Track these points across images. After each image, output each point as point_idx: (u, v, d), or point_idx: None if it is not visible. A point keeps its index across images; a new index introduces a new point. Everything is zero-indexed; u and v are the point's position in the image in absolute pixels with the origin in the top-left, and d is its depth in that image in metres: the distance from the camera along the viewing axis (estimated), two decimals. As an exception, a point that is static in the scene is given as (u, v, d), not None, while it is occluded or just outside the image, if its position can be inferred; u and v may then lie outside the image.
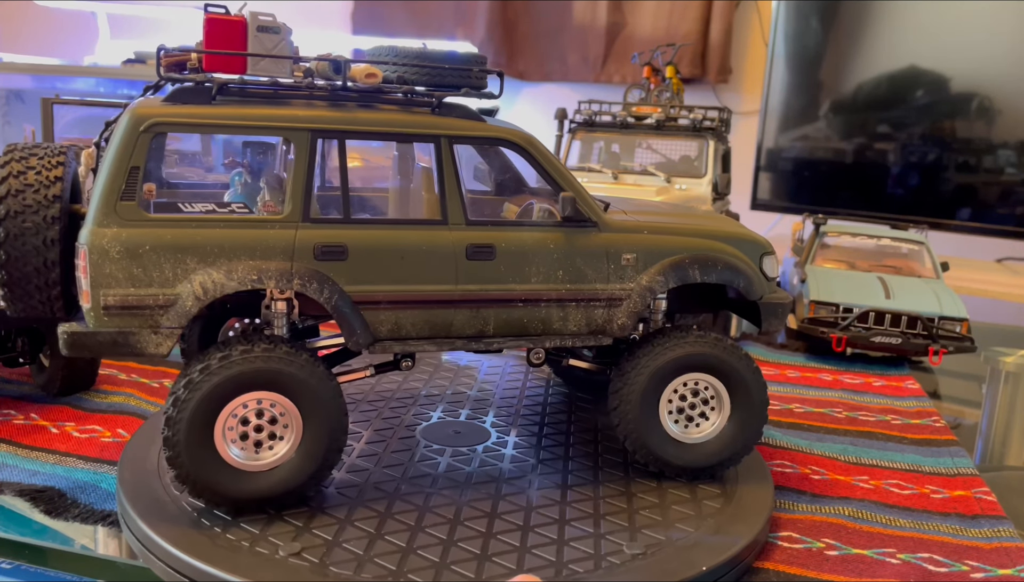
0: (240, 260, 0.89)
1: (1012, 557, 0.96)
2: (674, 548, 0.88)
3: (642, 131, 1.85)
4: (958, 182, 2.62)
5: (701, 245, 1.06)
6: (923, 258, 1.96)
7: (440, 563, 0.84)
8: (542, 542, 0.88)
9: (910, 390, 1.57)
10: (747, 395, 1.05)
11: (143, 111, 0.88)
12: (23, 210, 0.89)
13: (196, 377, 0.87)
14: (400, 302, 0.95)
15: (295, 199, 0.92)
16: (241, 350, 0.89)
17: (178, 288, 0.88)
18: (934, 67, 2.63)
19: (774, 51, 2.85)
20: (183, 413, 0.87)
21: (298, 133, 0.93)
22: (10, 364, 1.29)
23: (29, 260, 0.90)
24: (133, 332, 0.87)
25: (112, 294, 0.86)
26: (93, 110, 1.84)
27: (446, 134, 0.98)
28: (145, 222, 0.88)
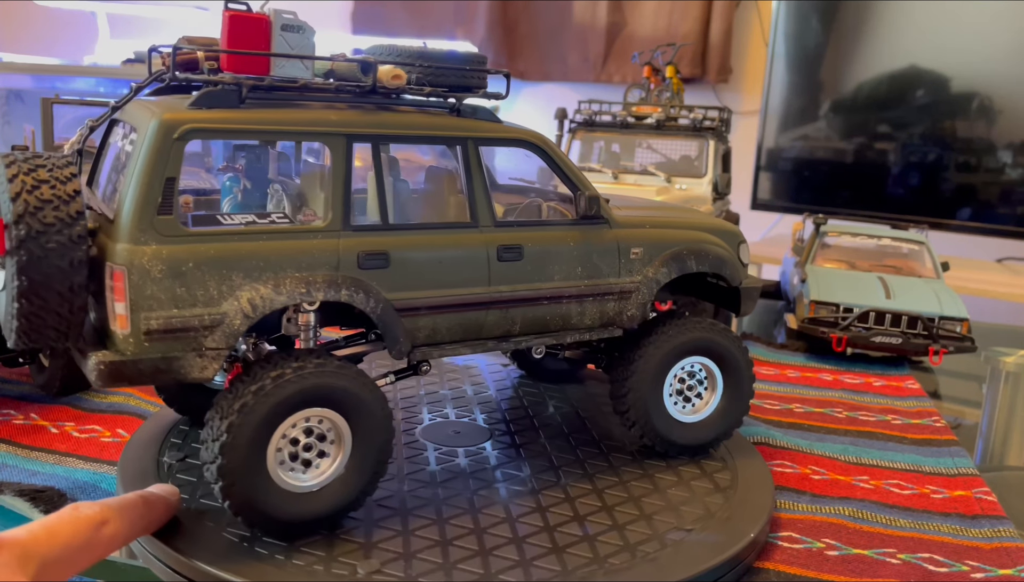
0: (286, 273, 0.84)
1: (1012, 557, 0.96)
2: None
3: (642, 131, 1.85)
4: (958, 182, 2.62)
5: (693, 237, 1.13)
6: (923, 258, 1.96)
7: (522, 561, 0.85)
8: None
9: (910, 390, 1.56)
10: (738, 374, 1.13)
11: (173, 117, 0.81)
12: (44, 230, 0.77)
13: (251, 400, 0.81)
14: (438, 307, 0.94)
15: (336, 206, 0.88)
16: (295, 367, 0.83)
17: (224, 306, 0.81)
18: (934, 67, 2.63)
19: (774, 51, 2.85)
20: (240, 438, 0.80)
21: (334, 138, 0.89)
22: (10, 364, 1.29)
23: (52, 286, 0.78)
24: (177, 357, 0.80)
25: (155, 317, 0.79)
26: (93, 110, 1.84)
27: (472, 136, 0.98)
28: (186, 237, 0.81)
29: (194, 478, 0.96)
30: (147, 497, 0.83)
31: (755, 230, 3.02)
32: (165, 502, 0.85)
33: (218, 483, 0.81)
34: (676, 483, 1.03)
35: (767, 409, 1.42)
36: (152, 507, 0.83)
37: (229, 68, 0.85)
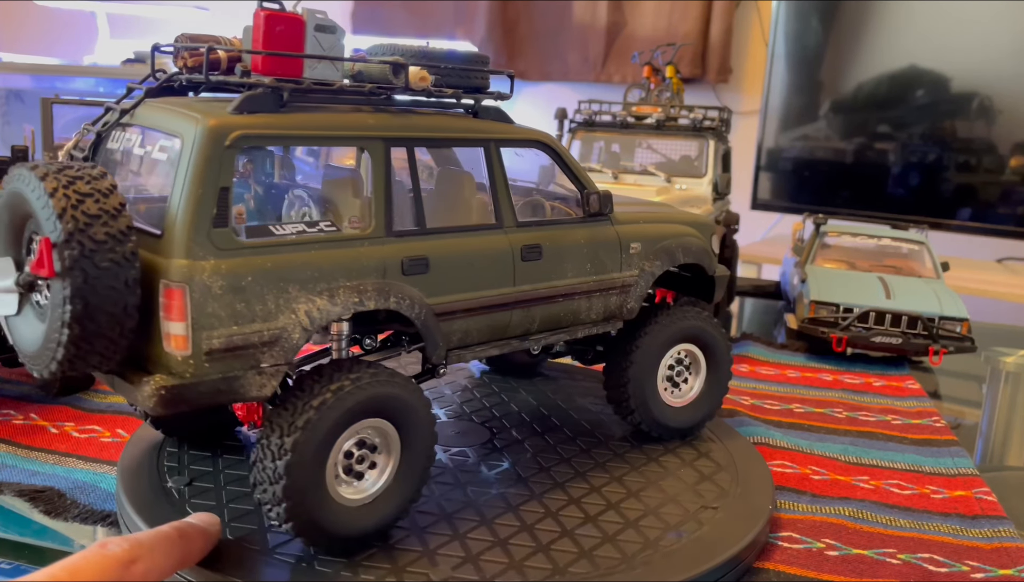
0: (339, 282, 0.82)
1: (1012, 557, 0.96)
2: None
3: (642, 131, 1.85)
4: (958, 182, 2.62)
5: (679, 230, 1.18)
6: (923, 258, 1.96)
7: (581, 552, 0.86)
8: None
9: (910, 390, 1.56)
10: (719, 357, 1.18)
11: (221, 123, 0.77)
12: (96, 248, 0.72)
13: (314, 416, 0.78)
14: (471, 309, 0.94)
15: (379, 212, 0.87)
16: (353, 378, 0.81)
17: (281, 320, 0.78)
18: (934, 67, 2.63)
19: (774, 51, 2.85)
20: (305, 455, 0.78)
21: (374, 142, 0.88)
22: (10, 364, 1.29)
23: (107, 308, 0.72)
24: (237, 376, 0.77)
25: (216, 336, 0.75)
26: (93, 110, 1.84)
27: (493, 137, 0.99)
28: (243, 250, 0.77)
29: (212, 501, 0.92)
30: (183, 529, 0.78)
31: (755, 230, 3.02)
32: (203, 534, 0.80)
33: (281, 505, 0.78)
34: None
35: (767, 409, 1.42)
36: (189, 539, 0.78)
37: (263, 70, 0.82)
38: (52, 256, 0.71)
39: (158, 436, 1.06)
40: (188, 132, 0.78)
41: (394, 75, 0.90)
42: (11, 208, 0.78)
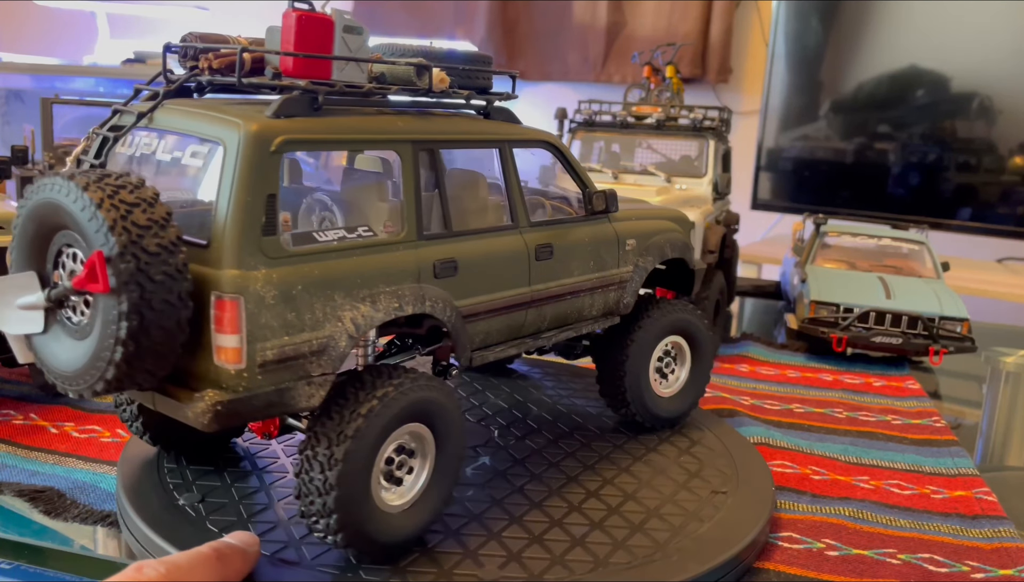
0: (379, 288, 0.81)
1: (1012, 557, 0.96)
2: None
3: (642, 131, 1.85)
4: (958, 182, 2.62)
5: (665, 226, 1.21)
6: (923, 258, 1.96)
7: (616, 542, 0.88)
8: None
9: (910, 390, 1.56)
10: (703, 348, 1.22)
11: (265, 128, 0.76)
12: (151, 260, 0.69)
13: (363, 424, 0.77)
14: (493, 310, 0.94)
15: (410, 216, 0.86)
16: (396, 383, 0.81)
17: (327, 328, 0.77)
18: (934, 67, 2.63)
19: (774, 51, 2.85)
20: (356, 464, 0.77)
21: (405, 146, 0.87)
22: (9, 364, 1.29)
23: (161, 323, 0.70)
24: (289, 387, 0.75)
25: (269, 347, 0.73)
26: (92, 110, 1.84)
27: (507, 138, 1.00)
28: (291, 258, 0.76)
29: (232, 517, 0.90)
30: (221, 550, 0.76)
31: (755, 230, 3.01)
32: (242, 554, 0.77)
33: (332, 516, 0.77)
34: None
35: (767, 409, 1.42)
36: (227, 561, 0.75)
37: (295, 72, 0.80)
38: (107, 270, 0.67)
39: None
40: (230, 138, 0.75)
41: (418, 77, 0.89)
42: (38, 219, 0.74)
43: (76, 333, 0.74)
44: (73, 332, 0.74)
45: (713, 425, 1.22)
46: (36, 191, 0.74)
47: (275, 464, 1.01)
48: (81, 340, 0.73)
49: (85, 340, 0.72)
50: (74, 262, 0.74)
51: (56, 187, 0.71)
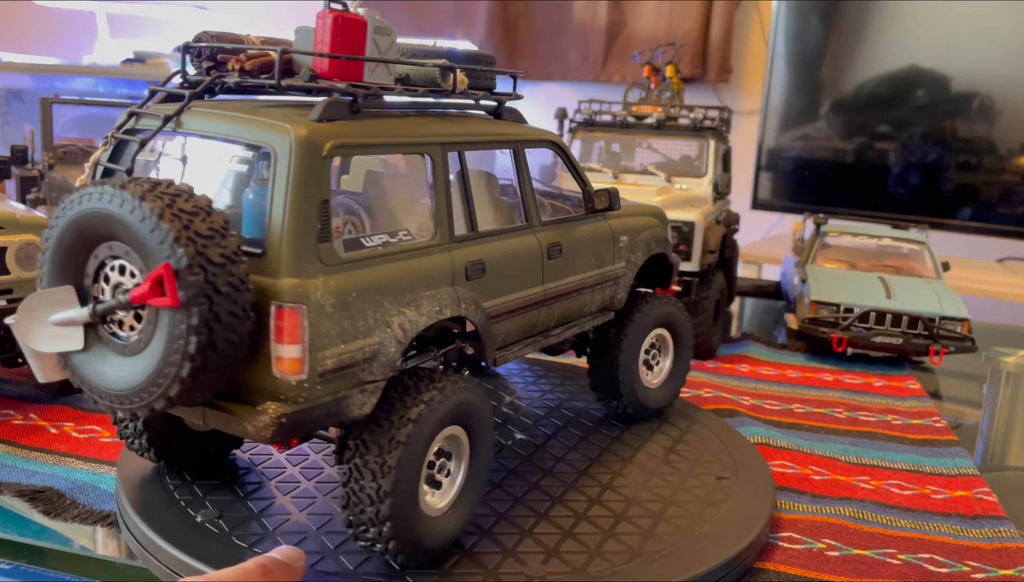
0: (420, 292, 0.81)
1: (1013, 557, 0.96)
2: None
3: (642, 131, 1.85)
4: (959, 182, 2.62)
5: (649, 222, 1.23)
6: (924, 258, 1.96)
7: (643, 532, 0.90)
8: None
9: (911, 390, 1.56)
10: (685, 339, 1.26)
11: (315, 132, 0.74)
12: (217, 271, 0.67)
13: (413, 429, 0.76)
14: (513, 310, 0.95)
15: (442, 219, 0.86)
16: (439, 387, 0.80)
17: (378, 335, 0.76)
18: (935, 67, 2.62)
19: (775, 51, 2.84)
20: (408, 470, 0.76)
21: (435, 148, 0.87)
22: (9, 364, 1.29)
23: (227, 336, 0.68)
24: (345, 396, 0.74)
25: (329, 356, 0.72)
26: (92, 110, 1.84)
27: (520, 139, 1.01)
28: (344, 265, 0.74)
29: (259, 532, 0.88)
30: (266, 566, 0.74)
31: (755, 230, 3.01)
32: (287, 569, 0.75)
33: (385, 524, 0.76)
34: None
35: (768, 410, 1.42)
36: (273, 576, 0.73)
37: (331, 74, 0.79)
38: (175, 284, 0.65)
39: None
40: (281, 143, 0.73)
41: (442, 78, 0.88)
42: (80, 231, 0.71)
43: (125, 349, 0.71)
44: (120, 348, 0.71)
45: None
46: (78, 201, 0.70)
47: (283, 474, 1.00)
48: (132, 356, 0.70)
49: (138, 356, 0.70)
50: (121, 275, 0.71)
51: (106, 197, 0.68)
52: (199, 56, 0.83)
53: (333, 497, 0.95)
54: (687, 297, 1.63)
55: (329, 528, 0.87)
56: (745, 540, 0.90)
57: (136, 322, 0.70)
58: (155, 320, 0.68)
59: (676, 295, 1.62)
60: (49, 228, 0.72)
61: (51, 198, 1.60)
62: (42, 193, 1.63)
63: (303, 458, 1.04)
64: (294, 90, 0.79)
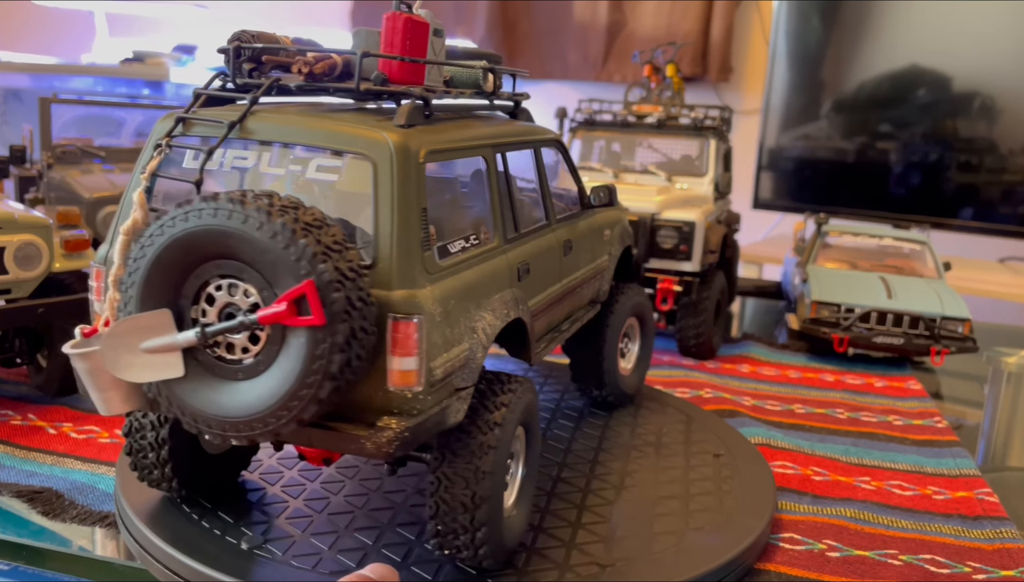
0: (492, 295, 0.81)
1: (1014, 558, 0.95)
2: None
3: (643, 130, 1.85)
4: (960, 181, 2.61)
5: (619, 215, 1.26)
6: (925, 258, 1.95)
7: (686, 511, 0.93)
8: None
9: (912, 391, 1.56)
10: (649, 326, 1.31)
11: (410, 139, 0.73)
12: (351, 286, 0.65)
13: (500, 432, 0.76)
14: (544, 308, 0.96)
15: (498, 221, 0.86)
16: (511, 389, 0.80)
17: (467, 341, 0.75)
18: (936, 66, 2.62)
19: (775, 50, 2.84)
20: (500, 474, 0.77)
21: (488, 150, 0.88)
22: (7, 365, 1.28)
23: (359, 352, 0.66)
24: (446, 405, 0.73)
25: (438, 366, 0.71)
26: (91, 109, 1.84)
27: (540, 139, 1.03)
28: (442, 272, 0.74)
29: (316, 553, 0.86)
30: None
31: (756, 230, 3.01)
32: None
33: (479, 530, 0.76)
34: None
35: (768, 410, 1.42)
36: None
37: (400, 78, 0.78)
38: (319, 301, 0.63)
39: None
40: (379, 150, 0.71)
41: (483, 79, 0.89)
42: (186, 249, 0.67)
43: (238, 373, 0.68)
44: (232, 373, 0.68)
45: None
46: (183, 218, 0.66)
47: (305, 490, 0.96)
48: (249, 380, 0.68)
49: (258, 380, 0.67)
50: (230, 295, 0.68)
51: (223, 213, 0.65)
52: (237, 57, 0.80)
53: (332, 513, 0.92)
54: (688, 297, 1.63)
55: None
56: (746, 541, 0.90)
57: (251, 344, 0.68)
58: (281, 340, 0.66)
59: (677, 296, 1.62)
60: (140, 247, 0.68)
61: (50, 198, 1.60)
62: (41, 193, 1.63)
63: (316, 472, 1.02)
64: (372, 95, 0.78)
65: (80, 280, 1.28)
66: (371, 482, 0.98)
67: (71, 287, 1.26)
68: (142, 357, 0.68)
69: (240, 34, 0.80)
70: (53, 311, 1.20)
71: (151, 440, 0.87)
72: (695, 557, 0.86)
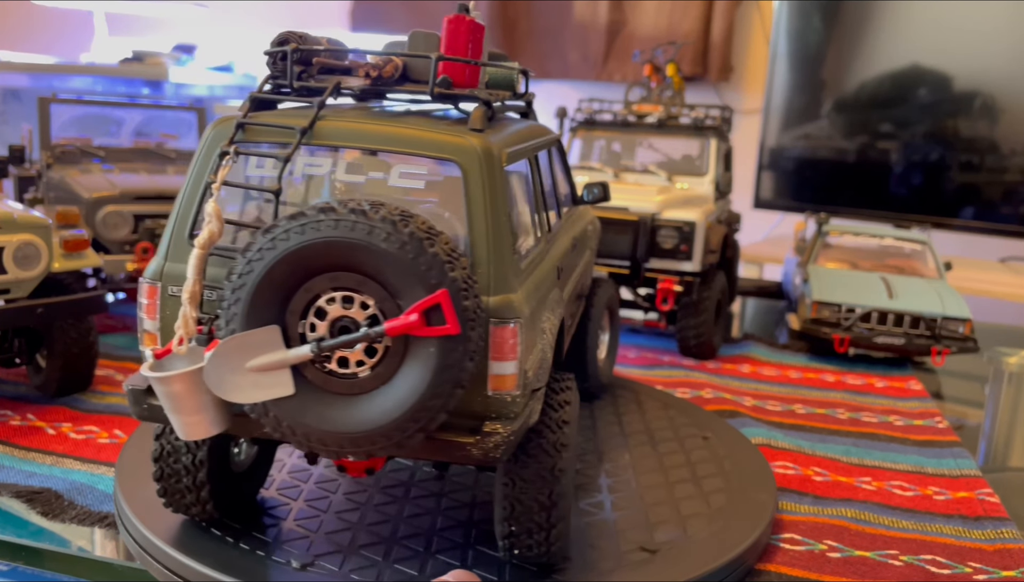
0: (548, 295, 0.81)
1: (1015, 558, 0.95)
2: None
3: (643, 130, 1.84)
4: (961, 181, 2.61)
5: (591, 212, 1.29)
6: (926, 258, 1.95)
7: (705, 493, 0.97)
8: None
9: (913, 391, 1.56)
10: (617, 318, 1.36)
11: (491, 144, 0.73)
12: (475, 293, 0.66)
13: (570, 430, 0.77)
14: (565, 305, 0.96)
15: (541, 222, 0.87)
16: (568, 387, 0.81)
17: (539, 342, 0.75)
18: (937, 66, 2.62)
19: (776, 49, 2.84)
20: (571, 472, 0.79)
21: (532, 152, 0.89)
22: (7, 365, 1.28)
23: (477, 359, 0.67)
24: (532, 407, 0.74)
25: (529, 368, 0.73)
26: (90, 109, 1.84)
27: (552, 139, 1.05)
28: (523, 274, 0.74)
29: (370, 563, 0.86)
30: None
31: (757, 229, 3.00)
32: None
33: (554, 528, 0.76)
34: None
35: (769, 411, 1.42)
36: None
37: (462, 81, 0.77)
38: (454, 310, 0.63)
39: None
40: (468, 155, 0.71)
41: (517, 80, 0.90)
42: (299, 263, 0.65)
43: (353, 387, 0.67)
44: (347, 387, 0.67)
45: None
46: (298, 231, 0.64)
47: (330, 502, 0.93)
48: (367, 394, 0.67)
49: (377, 393, 0.66)
50: (344, 307, 0.66)
51: (345, 225, 0.64)
52: (282, 59, 0.77)
53: (371, 524, 0.90)
54: (688, 297, 1.62)
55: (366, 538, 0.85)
56: (746, 541, 0.89)
57: (367, 356, 0.67)
58: (404, 351, 0.65)
59: (677, 296, 1.62)
60: (248, 261, 0.65)
61: (49, 198, 1.59)
62: (40, 193, 1.63)
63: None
64: (446, 99, 0.78)
65: (79, 280, 1.28)
66: (395, 489, 0.96)
67: (70, 287, 1.25)
68: (249, 377, 0.66)
69: (288, 35, 0.78)
70: (52, 311, 1.20)
71: (186, 463, 0.82)
72: (695, 557, 0.86)
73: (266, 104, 0.78)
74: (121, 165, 1.67)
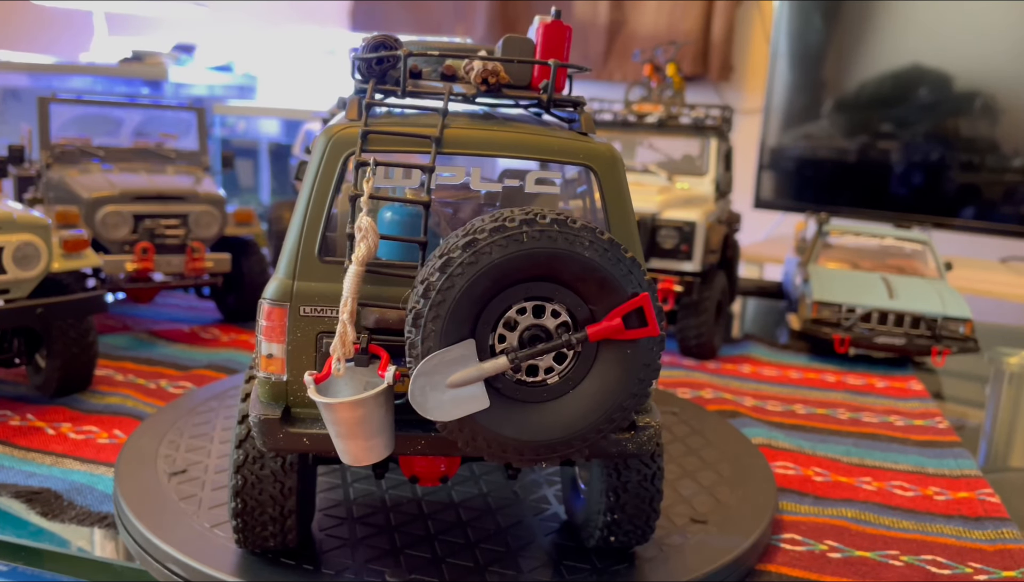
0: None
1: (1016, 559, 0.95)
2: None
3: (644, 129, 1.84)
4: (962, 181, 2.61)
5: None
6: (926, 258, 1.95)
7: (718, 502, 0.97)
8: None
9: (913, 391, 1.56)
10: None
11: (611, 146, 0.76)
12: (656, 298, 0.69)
13: (658, 424, 0.78)
14: None
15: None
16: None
17: None
18: (937, 65, 2.61)
19: (777, 49, 2.84)
20: (662, 464, 0.83)
21: None
22: (6, 365, 1.28)
23: None
24: None
25: None
26: (90, 109, 1.84)
27: None
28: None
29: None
30: None
31: (758, 229, 3.00)
32: None
33: (653, 519, 0.82)
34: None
35: (769, 411, 1.41)
36: None
37: (559, 87, 0.78)
38: (654, 312, 0.65)
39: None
40: (602, 160, 0.73)
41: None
42: (500, 275, 0.65)
43: (543, 394, 0.68)
44: (537, 394, 0.68)
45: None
46: (502, 245, 0.64)
47: (386, 518, 0.91)
48: (556, 400, 0.68)
49: (567, 398, 0.68)
50: (536, 318, 0.67)
51: (548, 235, 0.64)
52: (379, 64, 0.75)
53: (439, 534, 0.88)
54: (688, 297, 1.62)
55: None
56: (747, 542, 0.89)
57: (556, 363, 0.68)
58: (593, 356, 0.67)
59: (677, 296, 1.62)
60: (448, 276, 0.64)
61: (48, 198, 1.59)
62: (39, 193, 1.63)
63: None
64: (561, 104, 0.79)
65: (79, 280, 1.28)
66: (436, 495, 0.95)
67: (70, 287, 1.25)
68: (449, 394, 0.65)
69: (385, 39, 0.76)
70: (52, 311, 1.20)
71: (273, 493, 0.78)
72: (696, 558, 0.86)
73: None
74: (120, 165, 1.67)
